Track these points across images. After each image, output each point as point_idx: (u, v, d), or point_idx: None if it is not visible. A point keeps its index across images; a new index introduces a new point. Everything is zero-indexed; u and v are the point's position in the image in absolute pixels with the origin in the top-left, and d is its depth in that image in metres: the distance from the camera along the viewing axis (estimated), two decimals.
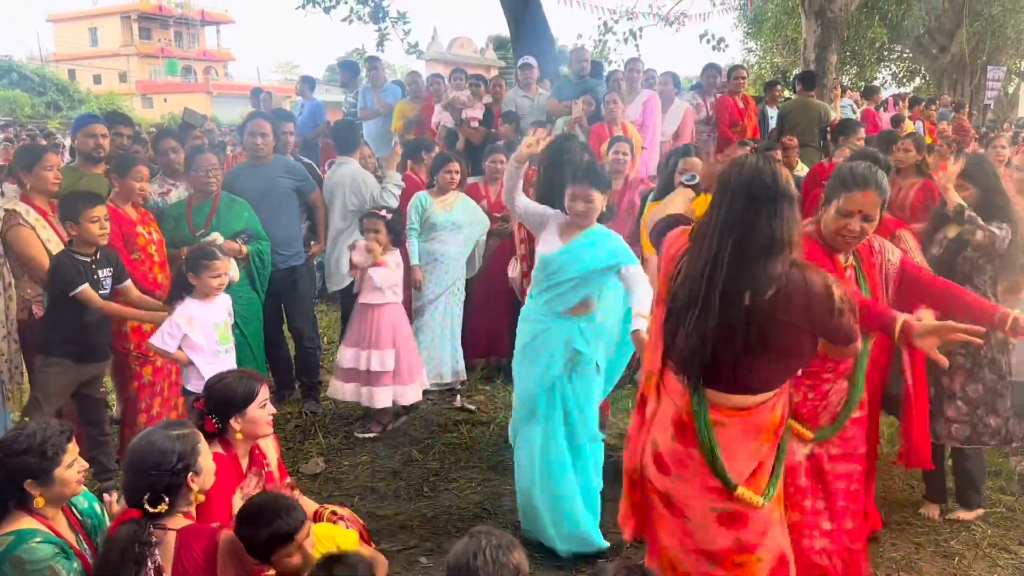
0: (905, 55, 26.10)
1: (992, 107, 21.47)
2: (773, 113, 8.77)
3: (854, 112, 10.29)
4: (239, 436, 2.80)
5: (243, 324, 4.59)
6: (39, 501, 2.29)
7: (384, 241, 4.76)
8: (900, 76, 26.99)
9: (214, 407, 2.77)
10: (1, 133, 17.01)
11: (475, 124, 7.37)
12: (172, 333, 3.59)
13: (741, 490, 2.24)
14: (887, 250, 2.93)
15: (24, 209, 3.89)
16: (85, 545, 2.40)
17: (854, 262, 2.82)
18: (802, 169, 6.78)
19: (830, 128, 7.67)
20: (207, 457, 2.46)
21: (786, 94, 10.38)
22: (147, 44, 49.47)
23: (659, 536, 2.43)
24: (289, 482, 3.13)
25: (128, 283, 3.95)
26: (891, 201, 5.15)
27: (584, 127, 6.88)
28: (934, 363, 3.58)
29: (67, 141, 12.38)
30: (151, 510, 2.28)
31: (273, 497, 2.49)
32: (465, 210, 5.48)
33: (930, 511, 3.81)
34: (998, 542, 3.57)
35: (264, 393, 2.87)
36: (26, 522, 2.27)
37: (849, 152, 5.35)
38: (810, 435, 2.73)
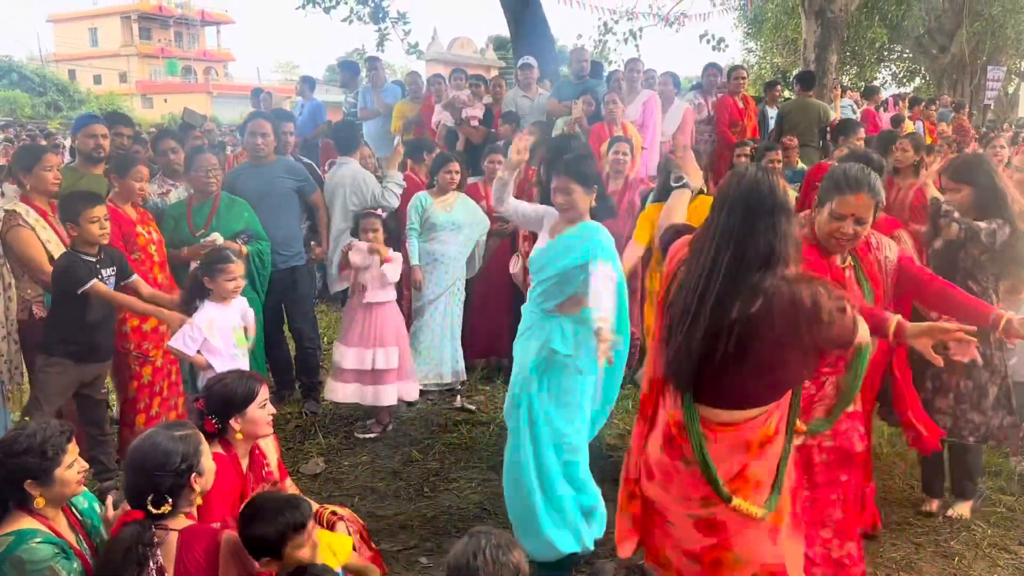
0: (905, 55, 26.11)
1: (992, 107, 21.47)
2: (773, 113, 8.77)
3: (854, 112, 10.29)
4: (239, 436, 2.80)
5: None
6: (39, 501, 2.29)
7: (381, 240, 4.77)
8: (900, 76, 27.01)
9: (214, 407, 2.77)
10: (1, 133, 17.02)
11: (475, 123, 7.37)
12: (193, 336, 3.57)
13: (737, 501, 2.21)
14: (884, 246, 2.92)
15: (24, 210, 3.89)
16: (85, 545, 2.40)
17: (852, 261, 2.82)
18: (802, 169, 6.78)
19: (830, 128, 7.68)
20: (208, 457, 2.46)
21: (786, 94, 10.38)
22: (147, 44, 49.48)
23: (654, 536, 2.45)
24: (289, 483, 3.14)
25: (135, 278, 3.94)
26: (890, 201, 5.18)
27: (584, 127, 6.87)
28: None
29: (67, 141, 12.38)
30: (155, 511, 2.27)
31: (273, 494, 2.50)
32: (465, 210, 5.48)
33: (930, 505, 3.81)
34: (998, 542, 3.57)
35: (264, 393, 2.87)
36: (26, 522, 2.27)
37: (848, 152, 5.34)
38: (803, 427, 2.73)
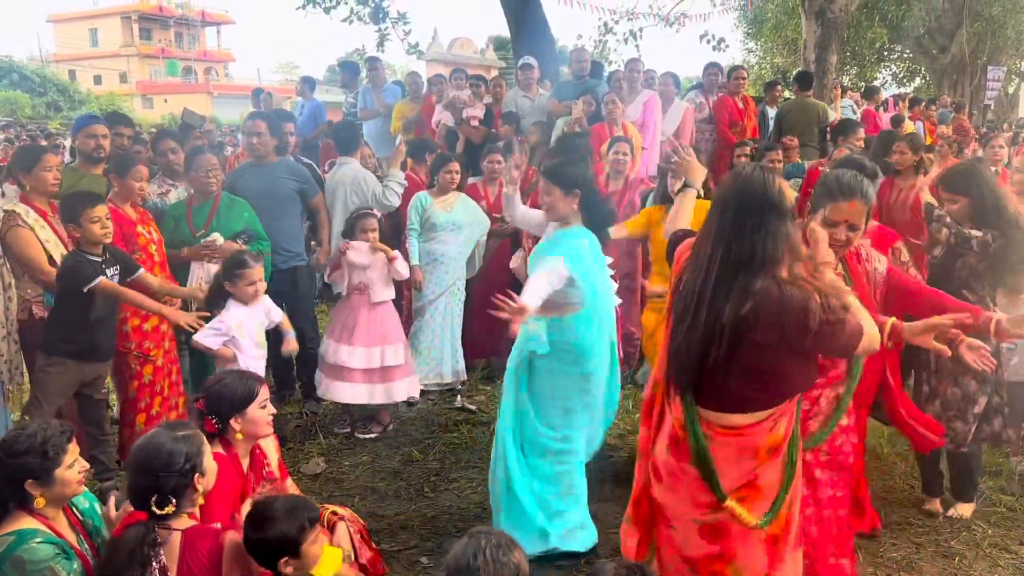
0: (905, 55, 26.11)
1: (992, 107, 21.48)
2: (773, 113, 8.77)
3: (854, 112, 10.28)
4: (239, 436, 2.80)
5: None
6: (40, 501, 2.29)
7: (377, 239, 4.81)
8: (900, 76, 27.01)
9: (214, 407, 2.77)
10: (2, 134, 17.02)
11: (475, 123, 7.37)
12: (220, 330, 3.68)
13: (730, 503, 2.21)
14: (874, 259, 2.95)
15: (23, 210, 3.88)
16: (86, 545, 2.40)
17: (842, 270, 2.83)
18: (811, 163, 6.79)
19: (830, 128, 7.68)
20: (210, 457, 2.46)
21: (786, 94, 10.37)
22: (147, 45, 49.50)
23: (658, 540, 2.44)
24: (289, 483, 3.14)
25: (141, 272, 3.94)
26: (891, 202, 5.19)
27: (584, 127, 6.87)
28: (924, 364, 3.62)
29: (68, 142, 12.38)
30: (159, 512, 2.27)
31: (274, 496, 2.50)
32: (465, 210, 5.48)
33: (932, 505, 3.81)
34: (999, 542, 3.57)
35: (264, 393, 2.87)
36: (27, 522, 2.27)
37: (847, 152, 5.34)
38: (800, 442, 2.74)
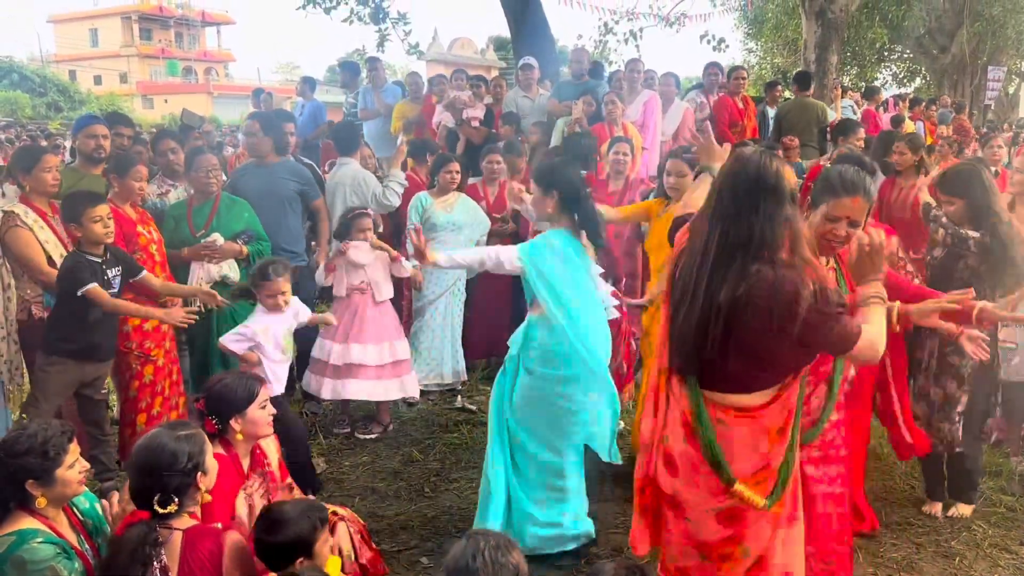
0: (906, 56, 26.11)
1: (992, 108, 21.48)
2: (773, 113, 8.77)
3: (855, 113, 10.28)
4: (239, 437, 2.81)
5: None
6: (40, 501, 2.29)
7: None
8: (901, 77, 27.02)
9: (214, 408, 2.78)
10: (2, 134, 17.02)
11: (476, 124, 7.37)
12: (245, 335, 3.72)
13: (739, 486, 2.22)
14: None
15: (23, 210, 3.89)
16: (87, 545, 2.40)
17: (835, 264, 2.83)
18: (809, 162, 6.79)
19: (829, 128, 7.68)
20: (211, 456, 2.46)
21: (786, 95, 10.38)
22: (148, 45, 49.51)
23: (665, 546, 2.43)
24: (289, 482, 3.14)
25: (144, 274, 3.94)
26: (891, 201, 5.20)
27: (584, 128, 6.87)
28: (917, 364, 3.62)
29: (68, 142, 12.38)
30: (161, 511, 2.27)
31: (283, 501, 2.52)
32: (465, 211, 5.48)
33: (933, 508, 3.81)
34: (999, 542, 3.57)
35: (264, 394, 2.87)
36: (27, 522, 2.27)
37: (841, 154, 5.35)
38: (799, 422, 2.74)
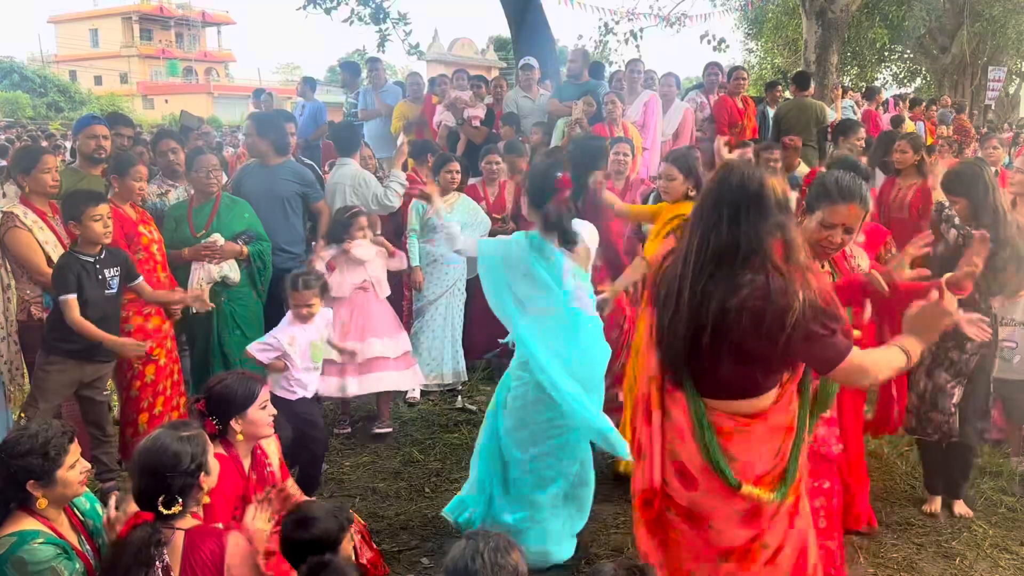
0: (906, 56, 26.13)
1: (993, 108, 21.50)
2: (773, 113, 8.77)
3: (855, 113, 10.29)
4: (240, 437, 2.81)
5: (244, 326, 4.59)
6: (41, 502, 2.29)
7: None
8: (901, 77, 27.05)
9: (215, 408, 2.78)
10: (3, 134, 17.03)
11: (477, 124, 7.38)
12: (272, 346, 3.77)
13: (747, 488, 2.21)
14: (857, 255, 2.98)
15: (22, 211, 3.89)
16: (87, 546, 2.40)
17: (830, 268, 2.84)
18: (803, 170, 6.77)
19: (830, 128, 7.68)
20: (212, 456, 2.46)
21: (787, 95, 10.38)
22: (148, 45, 49.52)
23: (674, 551, 2.38)
24: (290, 483, 3.14)
25: (140, 281, 3.96)
26: (891, 200, 5.22)
27: (585, 128, 6.88)
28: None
29: (68, 142, 12.39)
30: (166, 512, 2.27)
31: (310, 502, 2.53)
32: (466, 211, 5.49)
33: (932, 505, 3.81)
34: (1000, 543, 3.57)
35: (264, 394, 2.87)
36: (28, 523, 2.27)
37: (846, 152, 5.37)
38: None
